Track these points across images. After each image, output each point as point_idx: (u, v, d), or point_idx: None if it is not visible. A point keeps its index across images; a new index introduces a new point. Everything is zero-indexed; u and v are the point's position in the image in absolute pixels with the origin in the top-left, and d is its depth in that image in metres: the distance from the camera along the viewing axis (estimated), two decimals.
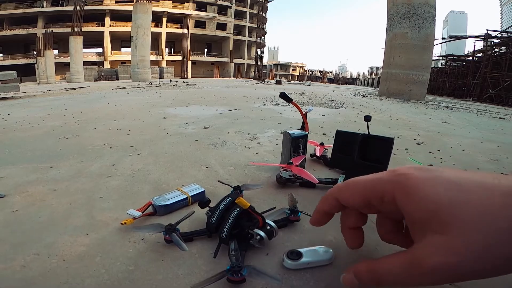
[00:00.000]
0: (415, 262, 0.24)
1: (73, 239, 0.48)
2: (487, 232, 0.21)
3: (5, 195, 0.66)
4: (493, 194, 0.22)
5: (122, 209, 0.59)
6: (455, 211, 0.22)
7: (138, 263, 0.42)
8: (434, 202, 0.23)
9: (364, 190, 0.28)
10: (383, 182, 0.27)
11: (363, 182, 0.28)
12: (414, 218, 0.25)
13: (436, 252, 0.23)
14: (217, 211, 0.48)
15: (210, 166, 0.87)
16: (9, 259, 0.43)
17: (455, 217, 0.22)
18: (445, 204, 0.23)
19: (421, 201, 0.24)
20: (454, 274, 0.22)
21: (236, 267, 0.37)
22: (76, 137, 1.25)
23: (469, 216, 0.22)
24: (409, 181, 0.25)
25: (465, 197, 0.23)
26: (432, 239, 0.23)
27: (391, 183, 0.26)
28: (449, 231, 0.22)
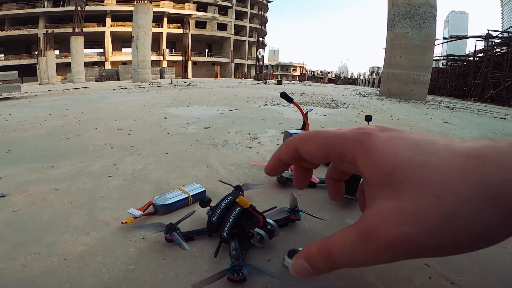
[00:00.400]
0: (365, 234, 0.21)
1: (74, 239, 0.48)
2: (441, 198, 0.18)
3: (6, 195, 0.66)
4: (455, 155, 0.19)
5: (123, 208, 0.59)
6: (410, 172, 0.20)
7: (139, 262, 0.42)
8: (390, 162, 0.21)
9: (325, 144, 0.25)
10: (346, 139, 0.24)
11: (326, 136, 0.25)
12: (370, 180, 0.22)
13: (386, 221, 0.20)
14: (218, 210, 0.48)
15: (211, 166, 0.87)
16: (10, 259, 0.43)
17: (409, 179, 0.19)
18: (401, 165, 0.20)
19: (378, 161, 0.21)
20: (413, 248, 0.19)
21: (236, 266, 0.37)
22: (77, 137, 1.25)
23: (423, 178, 0.19)
24: (370, 140, 0.22)
25: (424, 158, 0.20)
26: (383, 205, 0.20)
27: (353, 141, 0.23)
28: (401, 196, 0.20)
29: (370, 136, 0.23)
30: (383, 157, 0.21)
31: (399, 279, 0.40)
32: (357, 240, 0.21)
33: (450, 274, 0.41)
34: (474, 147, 0.20)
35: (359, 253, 0.21)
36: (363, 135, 0.23)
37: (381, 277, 0.40)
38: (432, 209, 0.18)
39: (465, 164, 0.19)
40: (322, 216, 0.55)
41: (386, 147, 0.21)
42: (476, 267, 0.42)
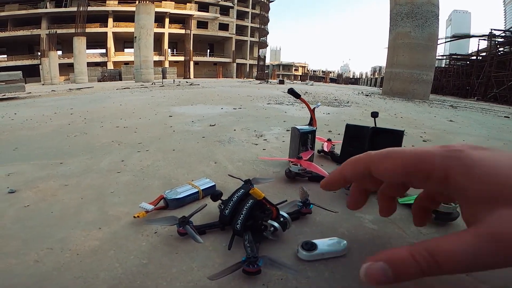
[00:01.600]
0: (492, 238, 0.21)
1: (86, 234, 0.48)
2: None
3: (16, 191, 0.66)
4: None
5: (133, 203, 0.59)
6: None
7: (152, 256, 0.42)
8: (500, 176, 0.22)
9: (409, 163, 0.25)
10: (434, 156, 0.24)
11: (408, 154, 0.25)
12: (473, 195, 0.23)
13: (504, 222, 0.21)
14: (230, 204, 0.48)
15: (218, 162, 0.87)
16: (21, 254, 0.43)
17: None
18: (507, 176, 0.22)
19: (486, 176, 0.23)
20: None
21: (252, 258, 0.37)
22: (84, 135, 1.26)
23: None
24: (468, 157, 0.23)
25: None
26: (508, 213, 0.21)
27: (445, 159, 0.24)
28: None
29: (466, 154, 0.23)
30: (488, 173, 0.22)
31: None
32: (480, 243, 0.21)
33: None
34: None
35: (482, 255, 0.21)
36: (456, 152, 0.24)
37: None
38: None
39: None
40: (333, 209, 0.55)
41: (489, 163, 0.23)
42: None
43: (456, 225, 0.52)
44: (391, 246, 0.46)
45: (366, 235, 0.49)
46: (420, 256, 0.22)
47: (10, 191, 0.66)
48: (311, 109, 0.89)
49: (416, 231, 0.50)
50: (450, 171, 0.24)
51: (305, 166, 0.69)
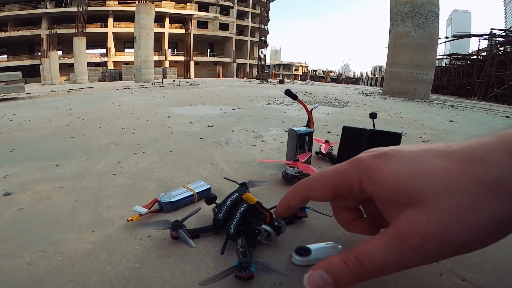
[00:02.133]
0: (399, 238, 0.23)
1: (79, 237, 0.48)
2: (457, 198, 0.21)
3: (11, 193, 0.66)
4: (451, 159, 0.22)
5: (128, 206, 0.59)
6: (418, 182, 0.22)
7: (145, 260, 0.42)
8: (396, 178, 0.23)
9: (333, 185, 0.28)
10: (348, 174, 0.27)
11: (331, 178, 0.28)
12: (384, 200, 0.25)
13: (416, 222, 0.22)
14: (224, 207, 0.47)
15: (215, 164, 0.87)
16: (15, 257, 0.42)
17: (420, 188, 0.22)
18: (407, 178, 0.23)
19: (385, 181, 0.24)
20: (441, 246, 0.21)
21: (244, 263, 0.37)
22: (82, 136, 1.25)
23: (434, 185, 0.22)
24: (369, 166, 0.25)
25: (424, 168, 0.23)
26: (409, 213, 0.23)
27: (355, 173, 0.26)
28: (420, 203, 0.22)
29: (366, 164, 0.26)
30: (385, 178, 0.24)
31: (410, 276, 0.39)
32: (390, 244, 0.23)
33: (461, 271, 0.40)
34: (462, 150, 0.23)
35: (392, 256, 0.22)
36: (360, 165, 0.26)
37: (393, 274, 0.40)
38: (452, 209, 0.21)
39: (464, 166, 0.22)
40: (329, 213, 0.55)
41: (385, 168, 0.24)
42: (487, 264, 0.42)
43: None
44: None
45: (362, 239, 0.49)
46: (350, 262, 0.24)
47: (5, 194, 0.65)
48: (309, 110, 0.89)
49: None
50: (362, 184, 0.26)
51: (302, 168, 0.69)
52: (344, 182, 0.27)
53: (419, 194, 0.22)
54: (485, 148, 0.22)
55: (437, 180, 0.22)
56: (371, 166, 0.25)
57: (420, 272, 0.40)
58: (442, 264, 0.42)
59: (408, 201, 0.23)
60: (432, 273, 0.40)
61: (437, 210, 0.21)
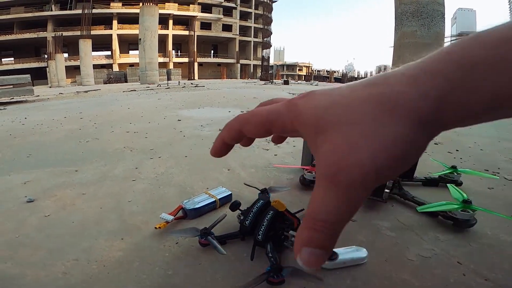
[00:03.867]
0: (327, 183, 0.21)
1: (109, 244, 0.49)
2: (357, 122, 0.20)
3: (34, 199, 0.67)
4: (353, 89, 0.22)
5: (151, 212, 0.60)
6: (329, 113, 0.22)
7: (176, 267, 0.43)
8: (312, 114, 0.23)
9: (267, 123, 0.27)
10: (282, 115, 0.26)
11: (266, 115, 0.27)
12: (308, 139, 0.24)
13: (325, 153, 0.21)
14: (250, 214, 0.48)
15: (231, 169, 0.88)
16: (48, 265, 0.43)
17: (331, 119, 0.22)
18: (320, 111, 0.23)
19: (305, 119, 0.24)
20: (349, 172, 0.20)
21: (276, 269, 0.38)
22: (96, 140, 1.27)
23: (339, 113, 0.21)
24: (297, 106, 0.25)
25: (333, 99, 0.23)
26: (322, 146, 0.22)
27: (287, 114, 0.25)
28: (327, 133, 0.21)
29: (296, 105, 0.25)
30: (307, 111, 0.24)
31: (434, 276, 0.40)
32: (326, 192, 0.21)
33: (482, 271, 0.41)
34: (368, 78, 0.22)
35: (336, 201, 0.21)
36: (292, 107, 0.25)
37: (416, 275, 0.41)
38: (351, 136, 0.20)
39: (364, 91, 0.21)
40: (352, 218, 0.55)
41: (307, 103, 0.24)
42: (506, 264, 0.43)
43: (474, 231, 0.52)
44: (409, 252, 0.46)
45: (384, 242, 0.50)
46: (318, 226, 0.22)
47: (29, 200, 0.67)
48: None
49: (433, 237, 0.50)
50: (293, 124, 0.25)
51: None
52: (277, 122, 0.26)
53: (330, 125, 0.22)
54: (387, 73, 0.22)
55: (339, 107, 0.22)
56: (298, 105, 0.25)
57: (445, 272, 0.41)
58: (464, 265, 0.42)
59: (321, 137, 0.22)
60: (456, 273, 0.41)
61: (337, 138, 0.21)
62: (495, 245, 0.48)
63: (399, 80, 0.21)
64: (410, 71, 0.21)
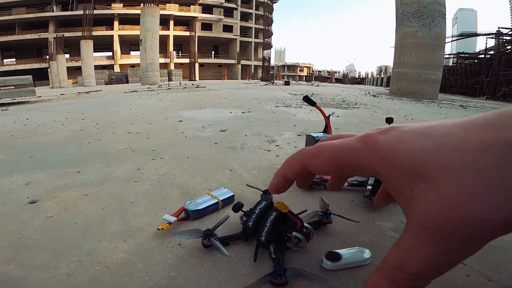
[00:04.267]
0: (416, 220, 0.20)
1: (113, 245, 0.49)
2: (474, 169, 0.18)
3: (37, 201, 0.67)
4: (467, 127, 0.19)
5: (154, 214, 0.60)
6: (433, 156, 0.19)
7: (179, 269, 0.43)
8: (407, 158, 0.20)
9: (339, 160, 0.25)
10: (357, 152, 0.24)
11: (338, 151, 0.25)
12: (395, 183, 0.22)
13: (429, 202, 0.19)
14: (253, 215, 0.48)
15: (233, 170, 0.88)
16: (52, 267, 0.43)
17: (435, 163, 0.19)
18: (419, 154, 0.20)
19: (395, 162, 0.21)
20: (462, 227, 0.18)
21: (280, 270, 0.37)
22: (98, 141, 1.27)
23: (447, 157, 0.19)
24: (379, 146, 0.22)
25: (438, 140, 0.20)
26: (423, 193, 0.19)
27: (365, 152, 0.23)
28: (434, 180, 0.19)
29: (377, 139, 0.23)
30: (398, 155, 0.21)
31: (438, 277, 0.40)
32: (414, 236, 0.20)
33: (487, 272, 0.41)
34: (482, 118, 0.20)
35: (425, 250, 0.20)
36: (372, 142, 0.23)
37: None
38: (469, 182, 0.18)
39: (480, 134, 0.19)
40: (354, 218, 0.55)
41: (397, 145, 0.21)
42: (511, 264, 0.43)
43: None
44: None
45: (388, 243, 0.49)
46: (401, 279, 0.21)
47: (31, 201, 0.67)
48: (326, 116, 0.89)
49: None
50: (372, 163, 0.23)
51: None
52: (351, 159, 0.24)
53: (434, 170, 0.19)
54: (507, 113, 0.19)
55: (451, 151, 0.19)
56: (381, 143, 0.22)
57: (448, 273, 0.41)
58: (468, 265, 0.42)
59: (421, 183, 0.20)
60: (459, 274, 0.41)
61: (450, 186, 0.18)
62: (500, 246, 0.47)
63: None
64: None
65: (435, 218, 0.19)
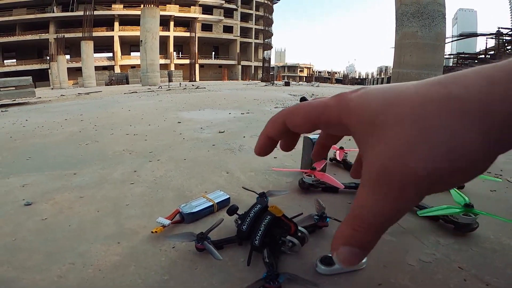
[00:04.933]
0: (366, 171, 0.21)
1: (106, 248, 0.48)
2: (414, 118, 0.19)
3: (32, 203, 0.67)
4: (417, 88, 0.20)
5: (149, 216, 0.59)
6: (385, 111, 0.20)
7: (172, 272, 0.42)
8: (366, 110, 0.22)
9: (312, 114, 0.26)
10: (329, 106, 0.25)
11: (313, 107, 0.27)
12: (358, 135, 0.23)
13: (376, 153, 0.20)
14: (247, 219, 0.48)
15: (230, 172, 0.87)
16: (44, 269, 0.43)
17: (386, 117, 0.20)
18: (376, 108, 0.21)
19: (358, 113, 0.22)
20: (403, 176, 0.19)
21: (272, 275, 0.37)
22: (96, 143, 1.27)
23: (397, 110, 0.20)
24: (348, 99, 0.24)
25: (393, 96, 0.21)
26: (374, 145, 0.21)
27: (336, 106, 0.25)
28: (383, 131, 0.20)
29: (346, 97, 0.24)
30: (360, 108, 0.22)
31: (434, 282, 0.40)
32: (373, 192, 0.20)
33: (484, 276, 0.41)
34: (435, 78, 0.21)
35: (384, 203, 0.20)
36: (342, 100, 0.24)
37: (416, 280, 0.40)
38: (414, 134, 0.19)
39: (430, 90, 0.19)
40: None
41: (361, 100, 0.23)
42: (509, 269, 0.42)
43: (476, 235, 0.51)
44: (409, 257, 0.46)
45: (384, 246, 0.49)
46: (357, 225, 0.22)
47: (26, 203, 0.67)
48: None
49: (434, 242, 0.50)
50: (341, 117, 0.24)
51: (318, 177, 0.69)
52: (324, 114, 0.25)
53: (387, 124, 0.20)
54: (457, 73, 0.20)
55: (400, 105, 0.20)
56: (350, 99, 0.24)
57: (445, 277, 0.41)
58: (466, 269, 0.42)
59: (377, 135, 0.20)
60: (457, 278, 0.40)
61: (393, 137, 0.19)
62: (498, 250, 0.47)
63: (473, 80, 0.18)
64: (486, 70, 0.19)
65: (378, 167, 0.20)
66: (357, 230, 0.21)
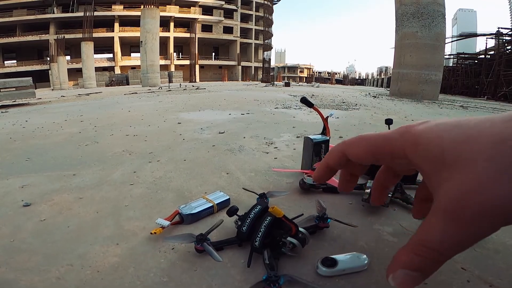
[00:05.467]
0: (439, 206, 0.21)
1: (105, 249, 0.48)
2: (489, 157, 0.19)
3: (31, 204, 0.67)
4: (493, 124, 0.21)
5: (148, 217, 0.59)
6: (459, 147, 0.21)
7: (171, 274, 0.42)
8: (437, 145, 0.22)
9: (374, 145, 0.27)
10: (391, 138, 0.26)
11: (375, 139, 0.27)
12: (425, 170, 0.24)
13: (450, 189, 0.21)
14: (247, 220, 0.47)
15: (230, 173, 0.87)
16: (43, 271, 0.43)
17: (460, 154, 0.21)
18: (447, 145, 0.22)
19: (426, 149, 0.23)
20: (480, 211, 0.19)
21: (273, 277, 0.37)
22: (95, 144, 1.27)
23: (473, 148, 0.20)
24: (414, 135, 0.24)
25: (466, 133, 0.21)
26: (447, 181, 0.21)
27: (400, 139, 0.25)
28: (459, 170, 0.21)
29: (413, 129, 0.24)
30: (429, 143, 0.23)
31: (437, 283, 0.39)
32: (440, 219, 0.21)
33: (488, 277, 0.40)
34: (510, 113, 0.21)
35: (440, 230, 0.21)
36: (407, 131, 0.25)
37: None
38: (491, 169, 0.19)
39: (503, 126, 0.20)
40: (352, 223, 0.54)
41: (431, 134, 0.23)
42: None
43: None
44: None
45: (386, 248, 0.49)
46: (422, 252, 0.23)
47: (25, 204, 0.66)
48: (324, 118, 0.88)
49: None
50: (406, 151, 0.25)
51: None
52: (387, 146, 0.26)
53: (461, 160, 0.21)
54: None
55: (474, 142, 0.20)
56: (415, 133, 0.24)
57: (448, 278, 0.40)
58: (469, 270, 0.42)
59: (451, 169, 0.21)
60: (460, 279, 0.40)
61: (467, 174, 0.20)
62: (501, 251, 0.47)
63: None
64: None
65: (453, 199, 0.20)
66: (419, 254, 0.22)
